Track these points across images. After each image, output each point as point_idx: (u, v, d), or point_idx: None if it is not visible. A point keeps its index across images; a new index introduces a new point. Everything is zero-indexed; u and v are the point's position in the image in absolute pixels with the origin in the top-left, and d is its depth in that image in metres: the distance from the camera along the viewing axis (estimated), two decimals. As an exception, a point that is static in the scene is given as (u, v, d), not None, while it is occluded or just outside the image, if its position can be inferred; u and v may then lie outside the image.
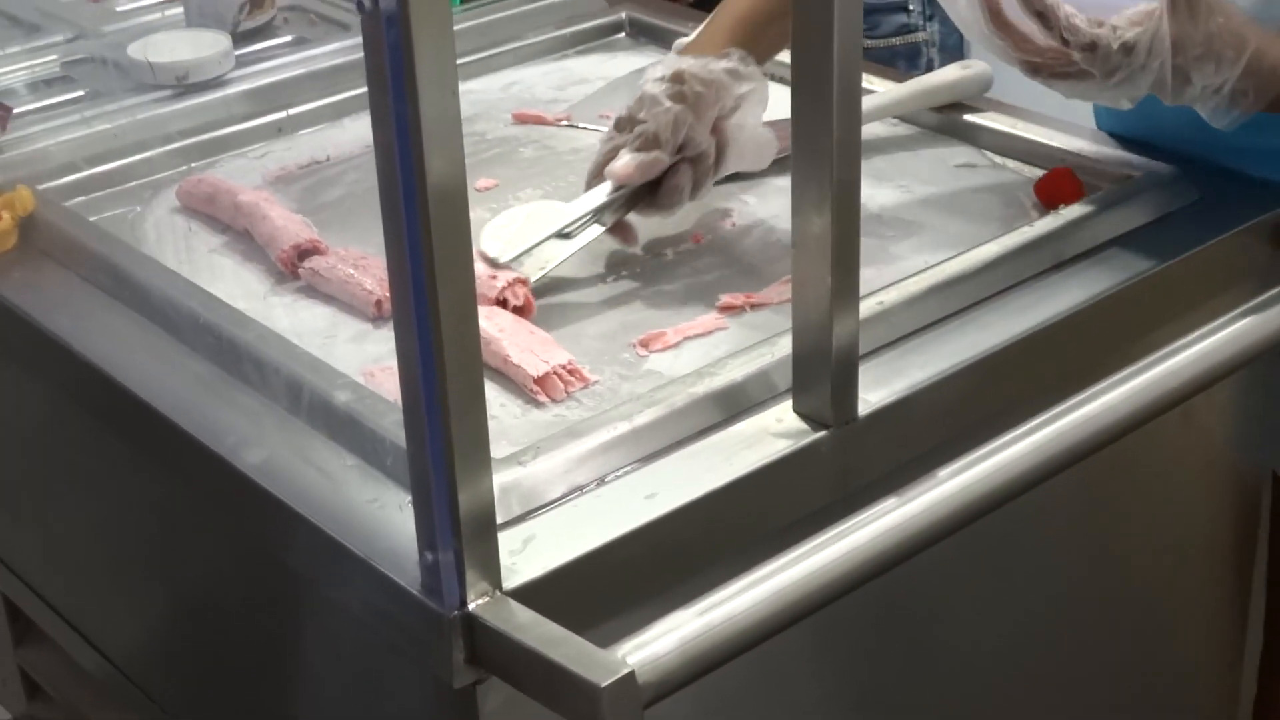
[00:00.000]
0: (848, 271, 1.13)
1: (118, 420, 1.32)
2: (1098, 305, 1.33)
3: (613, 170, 1.41)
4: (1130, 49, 1.29)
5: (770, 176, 1.55)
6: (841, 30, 1.06)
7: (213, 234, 1.52)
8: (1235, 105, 1.34)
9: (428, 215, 0.92)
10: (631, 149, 1.41)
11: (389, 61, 0.88)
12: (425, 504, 1.00)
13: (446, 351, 0.95)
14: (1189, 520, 1.56)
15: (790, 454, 1.16)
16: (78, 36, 1.90)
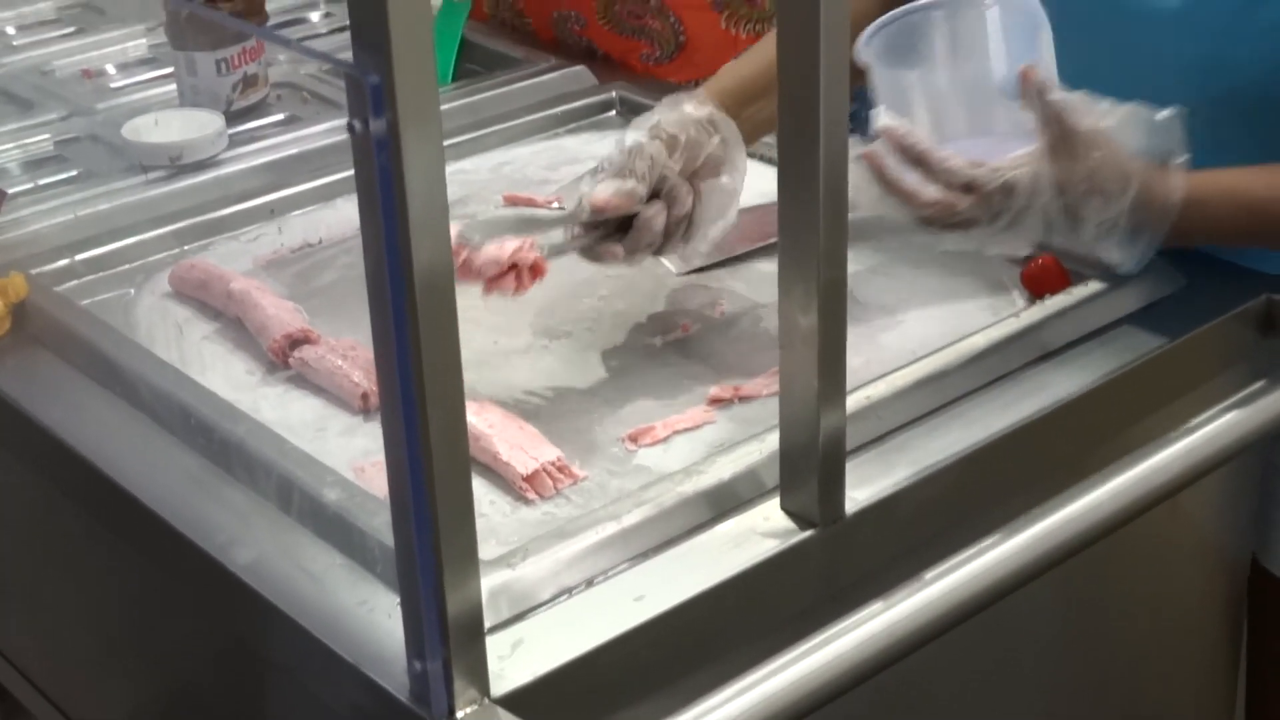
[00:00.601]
0: (834, 371, 1.14)
1: (107, 513, 1.33)
2: (1085, 397, 1.34)
3: (591, 199, 1.40)
4: (1011, 189, 1.31)
5: (758, 262, 1.56)
6: (827, 131, 1.07)
7: (205, 320, 1.52)
8: (1134, 242, 1.35)
9: (416, 326, 0.93)
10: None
11: (379, 183, 0.89)
12: (414, 612, 1.01)
13: (435, 459, 0.96)
14: (1176, 607, 1.57)
15: (778, 554, 1.17)
16: (71, 114, 1.91)
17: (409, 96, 0.89)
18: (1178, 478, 1.28)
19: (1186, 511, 1.49)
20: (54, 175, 1.79)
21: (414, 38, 0.88)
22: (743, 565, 1.15)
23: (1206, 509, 1.53)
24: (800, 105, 1.07)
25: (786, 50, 1.08)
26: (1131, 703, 1.56)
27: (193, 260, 1.60)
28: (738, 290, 1.53)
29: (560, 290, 1.54)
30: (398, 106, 0.89)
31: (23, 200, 1.69)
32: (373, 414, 1.36)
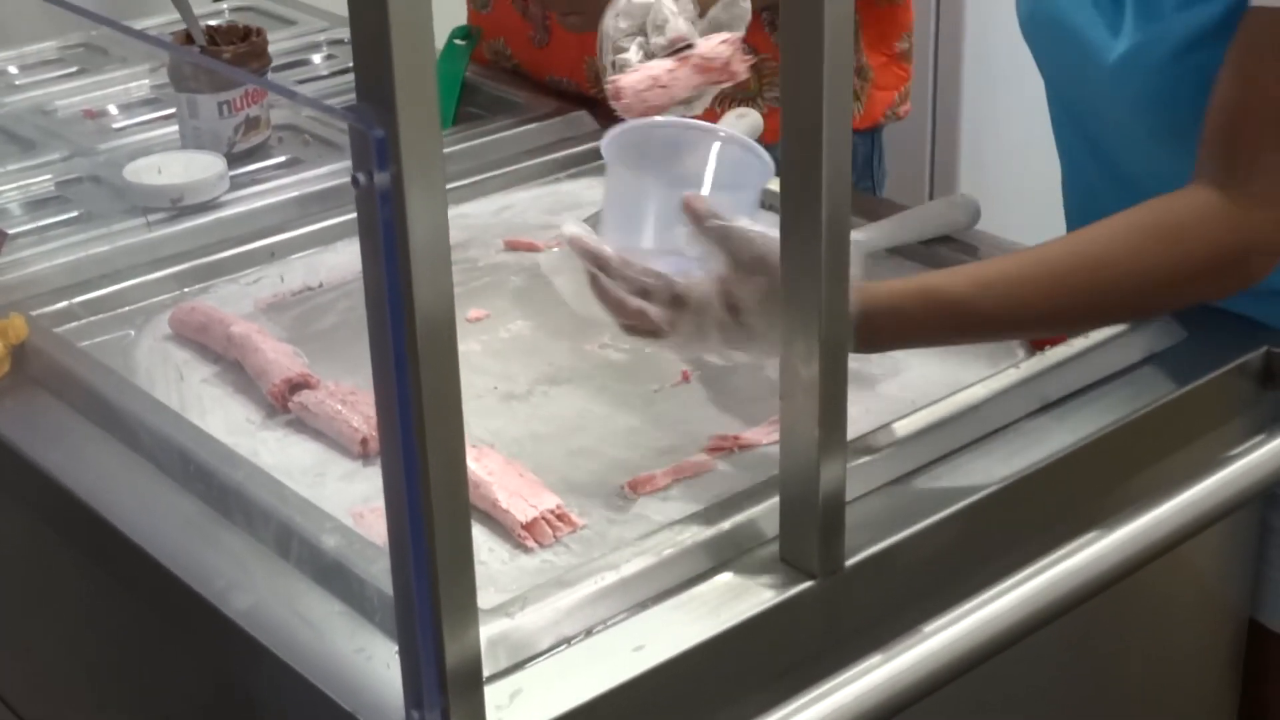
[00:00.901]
0: (834, 424, 1.14)
1: (104, 557, 1.32)
2: (1085, 449, 1.34)
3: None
4: (681, 302, 1.30)
5: (760, 310, 1.56)
6: (829, 187, 1.08)
7: (204, 363, 1.52)
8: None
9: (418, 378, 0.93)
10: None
11: (382, 235, 0.89)
12: (412, 660, 1.01)
13: (435, 506, 0.95)
14: (1174, 660, 1.57)
15: (777, 605, 1.16)
16: (73, 155, 1.91)
17: (413, 149, 0.89)
18: (1178, 531, 1.28)
19: (1186, 565, 1.49)
20: (55, 216, 1.79)
21: (418, 91, 0.89)
22: (742, 615, 1.15)
23: (1206, 562, 1.52)
24: (802, 162, 1.08)
25: (790, 108, 1.08)
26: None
27: (193, 303, 1.60)
28: (738, 338, 1.53)
29: (561, 336, 1.54)
30: (402, 160, 0.89)
31: (24, 241, 1.70)
32: (372, 459, 1.36)
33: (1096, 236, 1.35)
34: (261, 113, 1.90)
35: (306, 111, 2.01)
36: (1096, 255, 1.33)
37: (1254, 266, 1.34)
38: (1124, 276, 1.33)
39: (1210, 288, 1.37)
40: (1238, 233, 1.32)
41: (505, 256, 1.72)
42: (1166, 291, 1.35)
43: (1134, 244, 1.33)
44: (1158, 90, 1.42)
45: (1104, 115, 1.53)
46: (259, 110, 1.90)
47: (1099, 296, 1.34)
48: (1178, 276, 1.33)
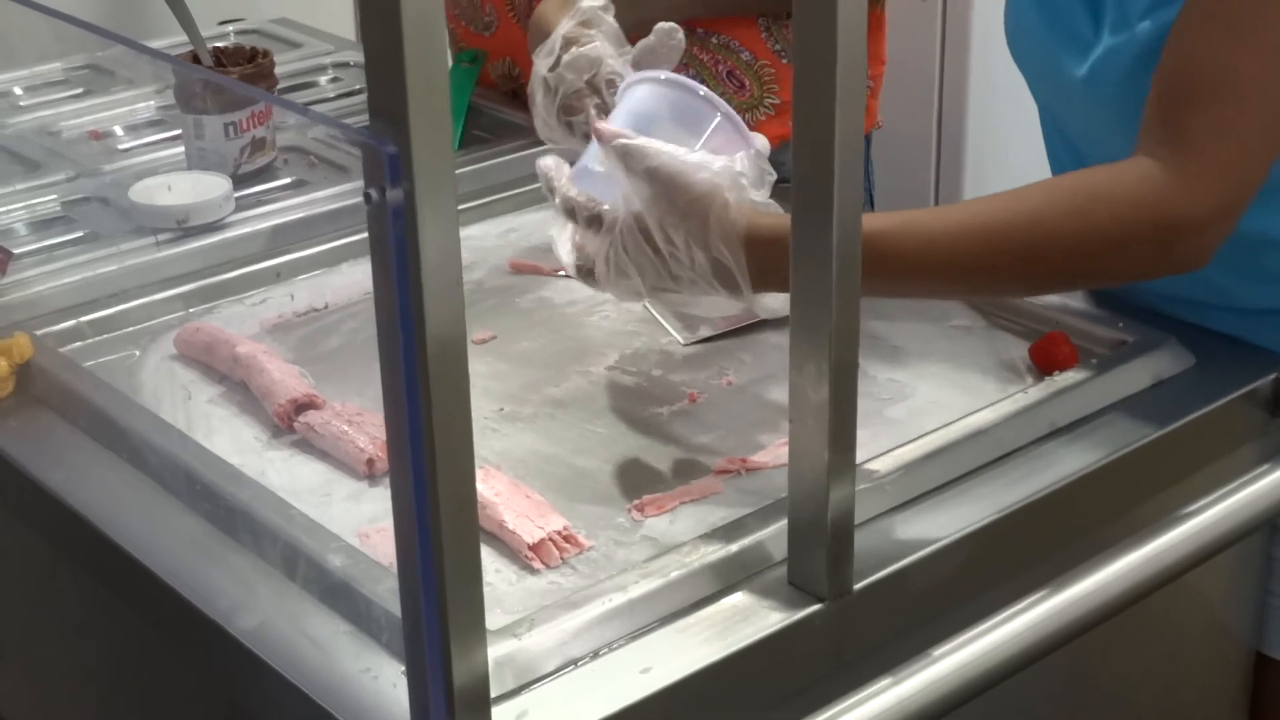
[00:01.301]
0: (844, 447, 1.14)
1: (110, 576, 1.32)
2: (1094, 474, 1.34)
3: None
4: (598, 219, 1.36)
5: (765, 334, 1.56)
6: (841, 209, 1.08)
7: (210, 383, 1.52)
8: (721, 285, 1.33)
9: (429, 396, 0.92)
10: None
11: (394, 252, 0.89)
12: (419, 681, 1.00)
13: (444, 526, 0.95)
14: (1181, 687, 1.56)
15: (785, 627, 1.16)
16: (78, 175, 1.91)
17: (426, 166, 0.89)
18: (1186, 558, 1.28)
19: (1193, 593, 1.48)
20: (60, 236, 1.79)
21: (431, 107, 0.88)
22: (750, 638, 1.15)
23: (1213, 592, 1.52)
24: (814, 182, 1.08)
25: (802, 129, 1.08)
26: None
27: (198, 323, 1.60)
28: (745, 361, 1.53)
29: (567, 359, 1.54)
30: (414, 176, 0.89)
31: (29, 261, 1.69)
32: (378, 480, 1.35)
33: (1030, 195, 1.32)
34: (267, 134, 1.90)
35: (312, 133, 2.01)
36: (1026, 211, 1.30)
37: (1186, 244, 1.30)
38: (1051, 235, 1.30)
39: (1136, 257, 1.32)
40: (1167, 203, 1.28)
41: (511, 279, 1.72)
42: (1093, 256, 1.31)
43: (1063, 204, 1.30)
44: (1129, 96, 1.42)
45: (1084, 127, 1.54)
46: (265, 131, 1.90)
47: (1023, 251, 1.30)
48: (1105, 241, 1.30)
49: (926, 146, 3.11)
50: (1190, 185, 1.29)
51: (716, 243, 1.30)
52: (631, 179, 1.33)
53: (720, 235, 1.30)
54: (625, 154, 1.33)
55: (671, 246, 1.31)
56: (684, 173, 1.31)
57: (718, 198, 1.30)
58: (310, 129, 2.01)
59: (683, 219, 1.30)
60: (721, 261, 1.30)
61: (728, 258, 1.29)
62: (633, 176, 1.33)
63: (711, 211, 1.30)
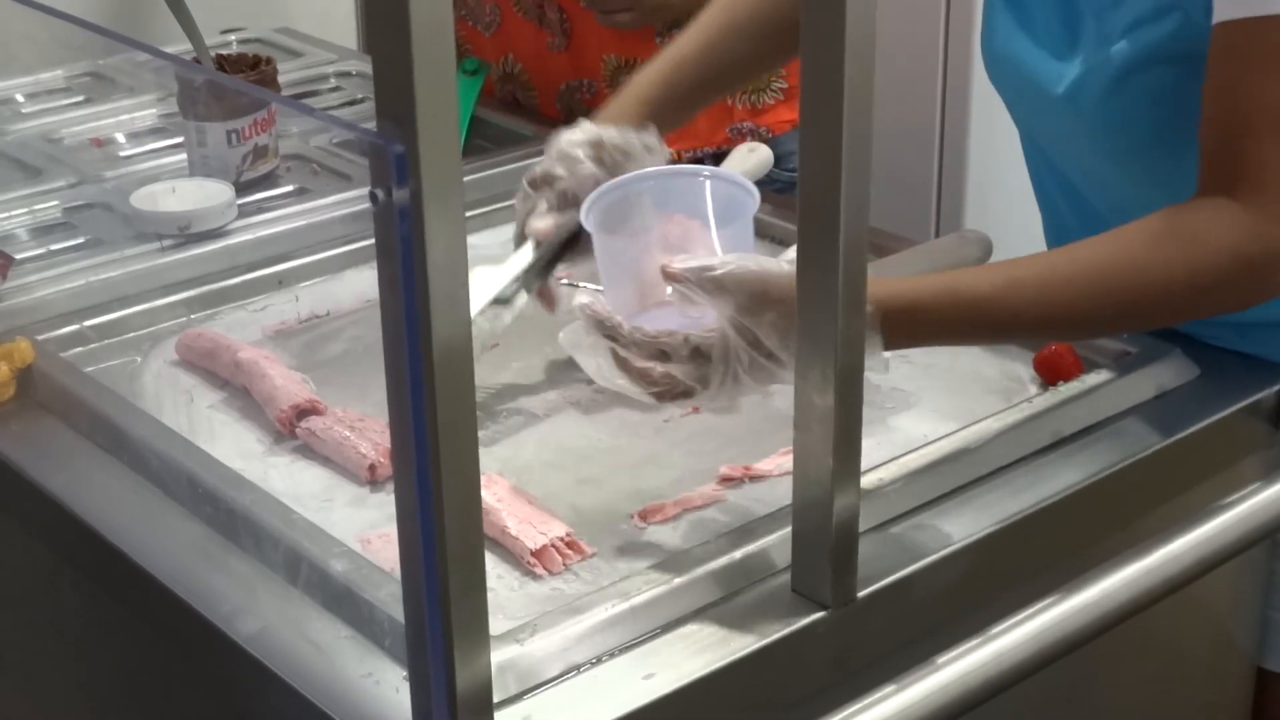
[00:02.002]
0: (849, 454, 1.13)
1: (111, 582, 1.32)
2: (1097, 484, 1.34)
3: (533, 228, 1.45)
4: (701, 352, 1.27)
5: (769, 343, 1.55)
6: (848, 215, 1.07)
7: (211, 389, 1.52)
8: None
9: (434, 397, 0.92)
10: (550, 207, 1.48)
11: (400, 252, 0.89)
12: (422, 686, 1.00)
13: (449, 531, 0.95)
14: (1182, 699, 1.56)
15: (788, 635, 1.16)
16: (80, 182, 1.91)
17: (433, 166, 0.89)
18: (1188, 570, 1.27)
19: (1196, 606, 1.48)
20: (62, 242, 1.79)
21: (439, 107, 0.89)
22: (753, 645, 1.14)
23: (1215, 604, 1.52)
24: (821, 188, 1.08)
25: (810, 135, 1.08)
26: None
27: (200, 329, 1.59)
28: (748, 370, 1.52)
29: (570, 366, 1.53)
30: (421, 176, 0.89)
31: (30, 266, 1.69)
32: (380, 485, 1.35)
33: (1128, 239, 1.32)
34: (270, 141, 1.90)
35: (315, 141, 2.01)
36: (1130, 258, 1.31)
37: (1274, 276, 1.32)
38: (1150, 281, 1.31)
39: (1231, 296, 1.34)
40: (1259, 241, 1.30)
41: (513, 287, 1.71)
42: (1189, 296, 1.32)
43: (1158, 248, 1.31)
44: (1108, 114, 1.42)
45: (1064, 148, 1.54)
46: (267, 139, 1.90)
47: (1126, 300, 1.31)
48: (1200, 281, 1.31)
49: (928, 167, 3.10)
50: (1273, 219, 1.30)
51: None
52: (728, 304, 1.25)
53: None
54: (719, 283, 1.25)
55: (785, 348, 1.25)
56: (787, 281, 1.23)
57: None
58: (313, 137, 2.01)
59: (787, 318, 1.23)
60: None
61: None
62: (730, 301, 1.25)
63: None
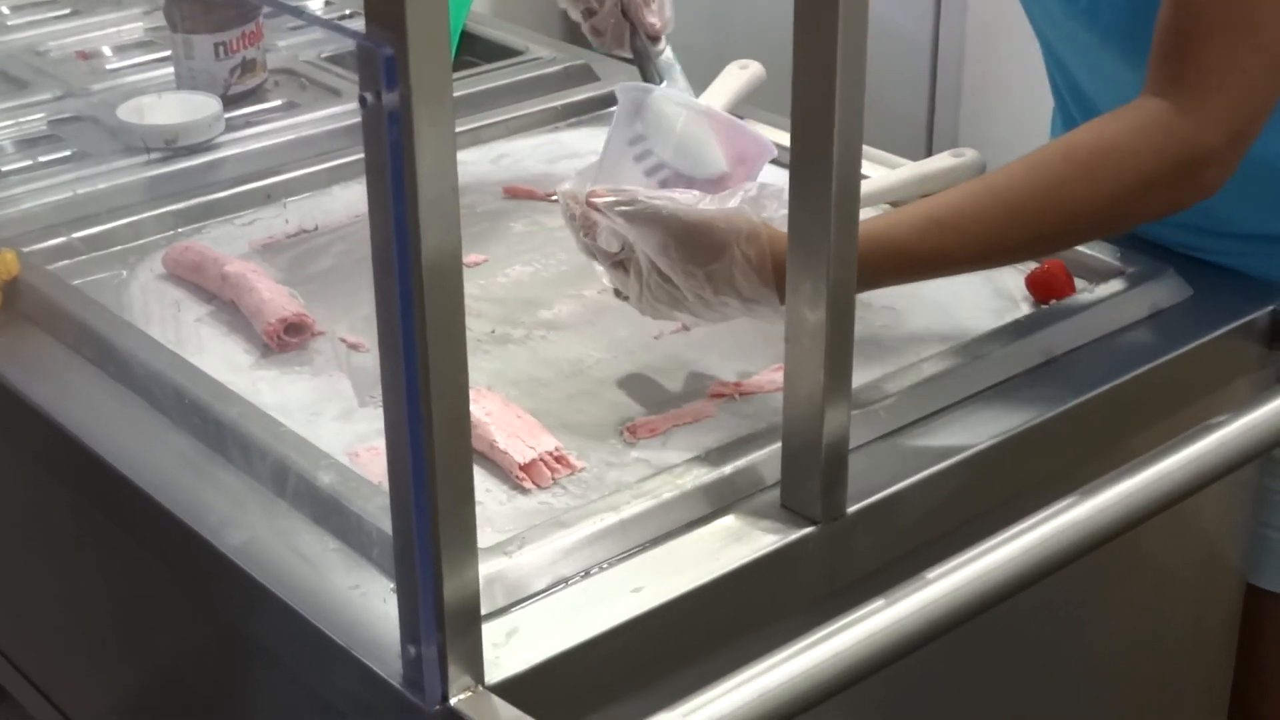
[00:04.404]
0: (840, 369, 1.13)
1: (97, 494, 1.31)
2: (1089, 403, 1.33)
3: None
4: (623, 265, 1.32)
5: (761, 260, 1.54)
6: (841, 130, 1.06)
7: (198, 302, 1.51)
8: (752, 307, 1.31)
9: (423, 305, 0.91)
10: None
11: (389, 158, 0.87)
12: (409, 597, 0.99)
13: (437, 443, 0.94)
14: (1174, 621, 1.56)
15: (778, 549, 1.15)
16: (66, 95, 1.89)
17: (423, 70, 0.88)
18: (1179, 488, 1.26)
19: (1187, 524, 1.48)
20: (48, 155, 1.77)
21: (429, 11, 0.87)
22: (742, 560, 1.14)
23: (1207, 522, 1.52)
24: (814, 102, 1.06)
25: (802, 51, 1.07)
26: (1126, 705, 1.55)
27: (187, 242, 1.58)
28: (739, 287, 1.51)
29: (560, 282, 1.53)
30: (411, 79, 0.87)
31: (16, 178, 1.68)
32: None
33: (1048, 162, 1.32)
34: (258, 55, 1.88)
35: (303, 56, 1.99)
36: (1047, 180, 1.31)
37: (1206, 174, 1.31)
38: (1077, 198, 1.31)
39: (1163, 201, 1.33)
40: (1186, 144, 1.29)
41: (504, 203, 1.70)
42: (1120, 208, 1.32)
43: (1082, 162, 1.31)
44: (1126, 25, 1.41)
45: (1083, 57, 1.52)
46: (255, 53, 1.87)
47: (1054, 221, 1.32)
48: (1131, 192, 1.31)
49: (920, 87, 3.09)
50: (1204, 121, 1.29)
51: (750, 289, 1.27)
52: (642, 236, 1.29)
53: (751, 283, 1.27)
54: (629, 218, 1.29)
55: (701, 300, 1.29)
56: (693, 231, 1.28)
57: (736, 254, 1.27)
58: (302, 51, 1.99)
59: (708, 278, 1.28)
60: (756, 301, 1.28)
61: (762, 299, 1.28)
62: (643, 233, 1.29)
63: (735, 269, 1.27)
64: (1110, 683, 1.51)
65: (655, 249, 1.28)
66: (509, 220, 1.66)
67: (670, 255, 1.28)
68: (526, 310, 1.48)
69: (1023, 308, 1.46)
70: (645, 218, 1.28)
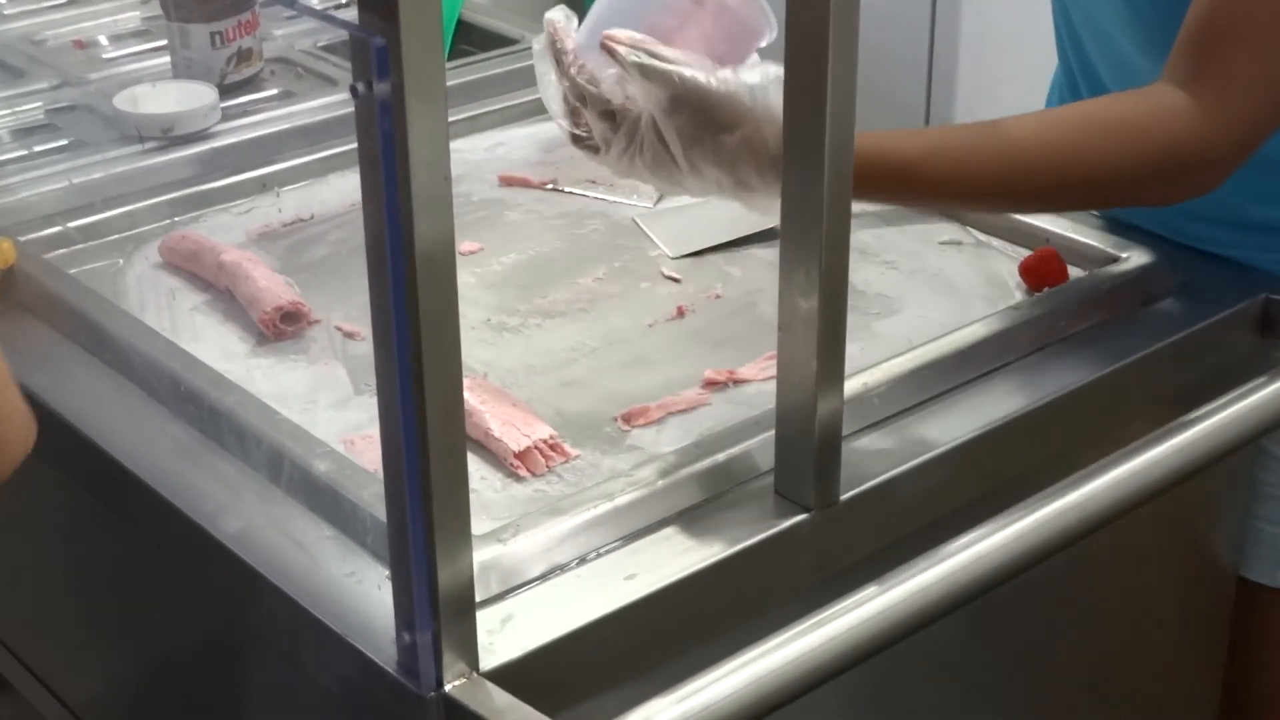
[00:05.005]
0: (833, 356, 1.13)
1: (94, 481, 1.31)
2: (1081, 391, 1.34)
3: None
4: (614, 115, 1.27)
5: (755, 248, 1.55)
6: (834, 113, 1.07)
7: (194, 291, 1.51)
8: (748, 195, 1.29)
9: (416, 293, 0.92)
10: None
11: (381, 148, 0.88)
12: (404, 583, 1.00)
13: (431, 429, 0.95)
14: (1165, 612, 1.56)
15: (771, 536, 1.16)
16: (63, 84, 1.89)
17: (414, 60, 0.88)
18: (1170, 475, 1.27)
19: (1178, 513, 1.48)
20: (45, 144, 1.77)
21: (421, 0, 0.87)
22: (735, 546, 1.14)
23: (1198, 510, 1.52)
24: (806, 90, 1.07)
25: (795, 32, 1.07)
26: (1117, 696, 1.55)
27: (183, 231, 1.59)
28: (733, 275, 1.52)
29: (555, 271, 1.53)
30: (404, 70, 0.88)
31: (13, 167, 1.68)
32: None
33: (1061, 121, 1.33)
34: (254, 44, 1.88)
35: (299, 45, 2.00)
36: (1060, 138, 1.32)
37: (1206, 175, 1.32)
38: (1082, 166, 1.31)
39: (1157, 189, 1.35)
40: (1199, 138, 1.30)
41: (499, 192, 1.71)
42: (1118, 186, 1.33)
43: (1097, 133, 1.31)
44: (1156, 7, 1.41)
45: (1100, 30, 1.51)
46: (252, 42, 1.88)
47: (1053, 180, 1.32)
48: (1134, 173, 1.32)
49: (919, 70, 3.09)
50: (1218, 123, 1.30)
51: (747, 172, 1.26)
52: (652, 93, 1.25)
53: (754, 167, 1.26)
54: (645, 72, 1.25)
55: (694, 169, 1.26)
56: (715, 103, 1.25)
57: (751, 130, 1.25)
58: (297, 40, 2.00)
59: (712, 151, 1.25)
60: (747, 183, 1.27)
61: (757, 183, 1.26)
62: (654, 91, 1.25)
63: (745, 146, 1.25)
64: (1101, 672, 1.52)
65: (664, 109, 1.25)
66: (504, 209, 1.67)
67: (679, 119, 1.25)
68: (521, 298, 1.49)
69: (1016, 295, 1.47)
70: (663, 77, 1.25)
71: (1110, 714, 1.56)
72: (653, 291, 1.49)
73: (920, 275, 1.51)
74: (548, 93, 1.34)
